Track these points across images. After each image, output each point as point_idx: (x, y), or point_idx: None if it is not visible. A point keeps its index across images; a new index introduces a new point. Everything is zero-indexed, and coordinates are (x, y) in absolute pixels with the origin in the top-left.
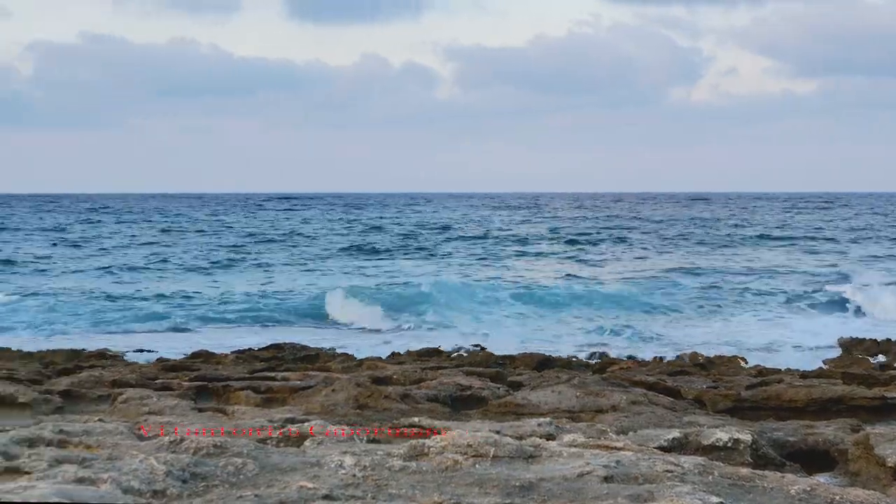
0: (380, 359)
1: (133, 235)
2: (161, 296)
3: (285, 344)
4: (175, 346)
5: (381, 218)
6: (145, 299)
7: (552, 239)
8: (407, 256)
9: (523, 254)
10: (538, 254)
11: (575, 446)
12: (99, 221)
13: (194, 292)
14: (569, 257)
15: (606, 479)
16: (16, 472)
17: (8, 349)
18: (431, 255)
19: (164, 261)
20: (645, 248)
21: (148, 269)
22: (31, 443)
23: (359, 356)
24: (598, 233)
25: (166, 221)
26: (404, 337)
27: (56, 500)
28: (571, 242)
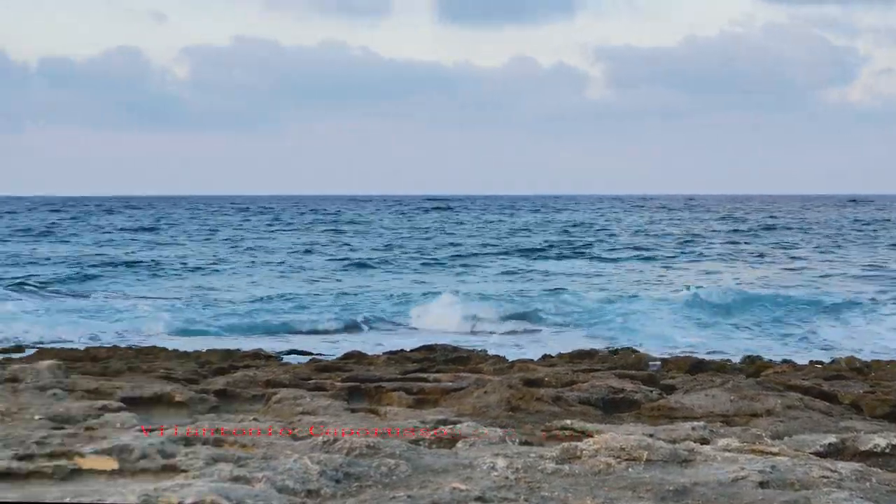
0: (531, 361)
1: (301, 233)
2: (343, 294)
3: (437, 345)
4: (329, 348)
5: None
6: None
7: (724, 242)
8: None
9: (690, 254)
10: (701, 255)
11: (729, 451)
12: (272, 224)
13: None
14: (734, 259)
15: (761, 484)
16: (173, 470)
17: (164, 349)
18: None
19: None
20: (821, 251)
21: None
22: (188, 441)
23: (510, 358)
24: (761, 233)
25: (324, 221)
26: (554, 339)
27: (212, 498)
28: (734, 243)
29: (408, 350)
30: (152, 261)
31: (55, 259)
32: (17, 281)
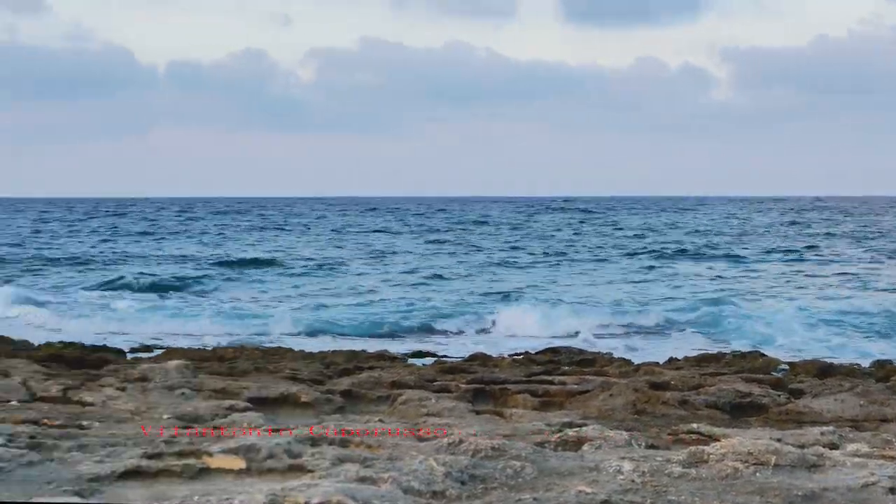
0: (657, 364)
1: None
2: (470, 293)
3: (562, 348)
4: (455, 349)
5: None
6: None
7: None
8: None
9: (823, 256)
10: (837, 257)
11: (859, 456)
12: (397, 223)
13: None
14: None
15: (892, 490)
16: (299, 470)
17: (290, 349)
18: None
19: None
20: None
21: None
22: (314, 442)
23: (635, 361)
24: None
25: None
26: (682, 341)
27: (338, 498)
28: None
29: (533, 352)
30: (275, 260)
31: (184, 258)
32: (148, 281)
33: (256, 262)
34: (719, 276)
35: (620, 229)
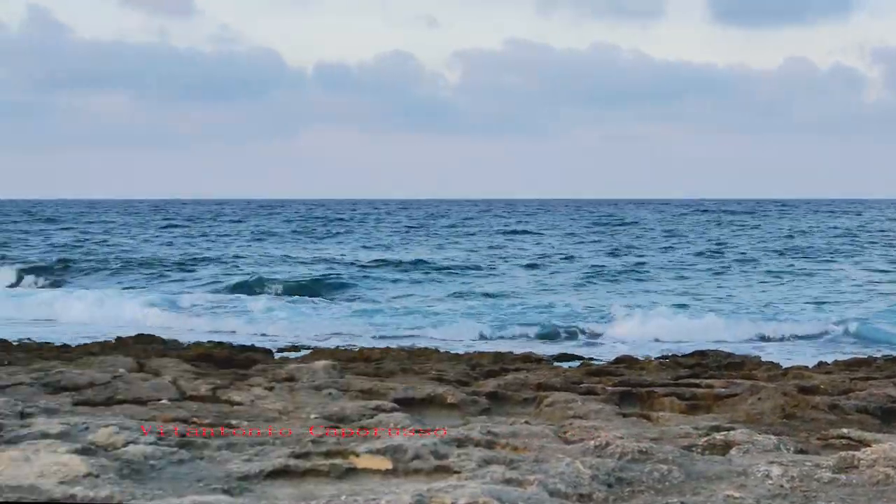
0: (806, 368)
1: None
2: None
3: (709, 351)
4: (601, 352)
5: None
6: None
7: None
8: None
9: None
10: None
11: None
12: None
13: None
14: None
15: None
16: (446, 471)
17: (436, 350)
18: None
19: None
20: None
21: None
22: (460, 443)
23: (784, 364)
24: None
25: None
26: (832, 345)
27: (484, 499)
28: None
29: (680, 355)
30: (424, 261)
31: (333, 260)
32: (300, 281)
33: (408, 263)
34: (876, 281)
35: (770, 232)
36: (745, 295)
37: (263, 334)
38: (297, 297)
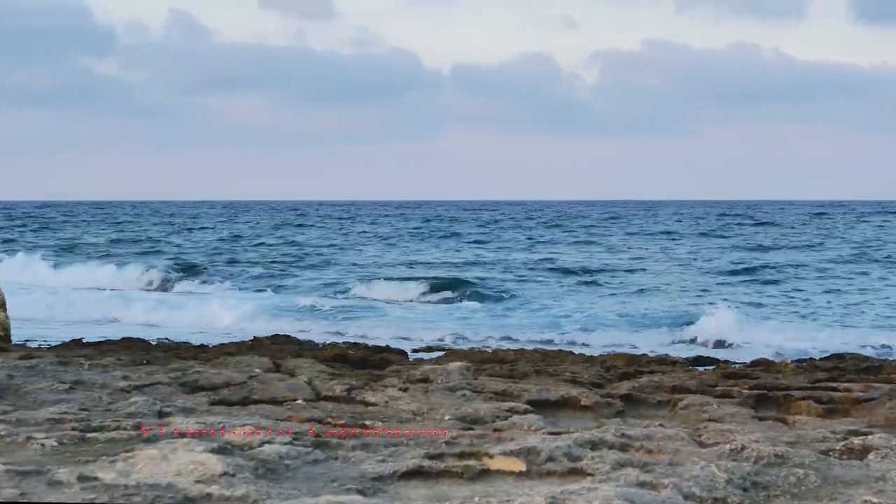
0: None
1: None
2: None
3: (846, 354)
4: (736, 355)
5: None
6: None
7: None
8: None
9: None
10: None
11: None
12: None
13: None
14: None
15: None
16: (579, 473)
17: (570, 352)
18: None
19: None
20: None
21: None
22: (594, 445)
23: None
24: None
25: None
26: None
27: (618, 502)
28: None
29: (817, 358)
30: (565, 262)
31: (485, 259)
32: (440, 282)
33: (563, 270)
34: None
35: None
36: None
37: (404, 338)
38: (443, 295)
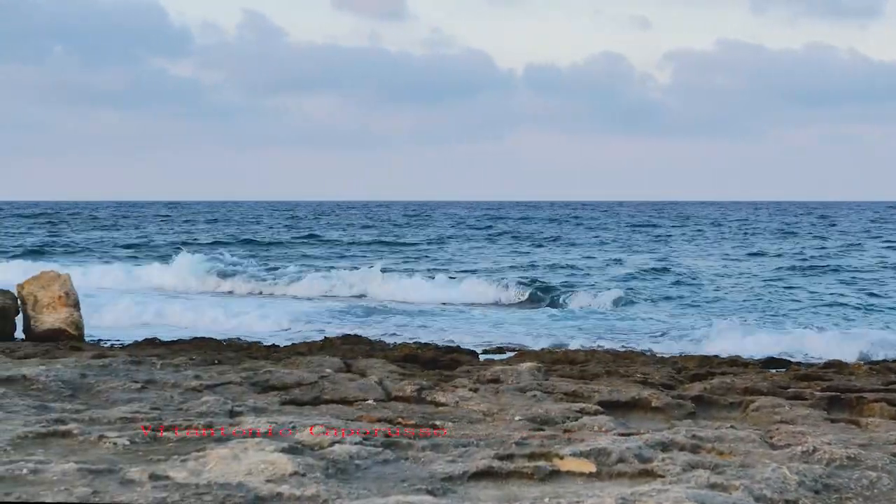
0: None
1: None
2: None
3: None
4: (808, 356)
5: None
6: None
7: None
8: None
9: None
10: None
11: None
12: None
13: None
14: None
15: None
16: (649, 474)
17: (642, 353)
18: None
19: None
20: None
21: None
22: (665, 447)
23: None
24: None
25: None
26: None
27: None
28: None
29: (890, 360)
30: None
31: (577, 262)
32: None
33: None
34: None
35: None
36: None
37: (470, 336)
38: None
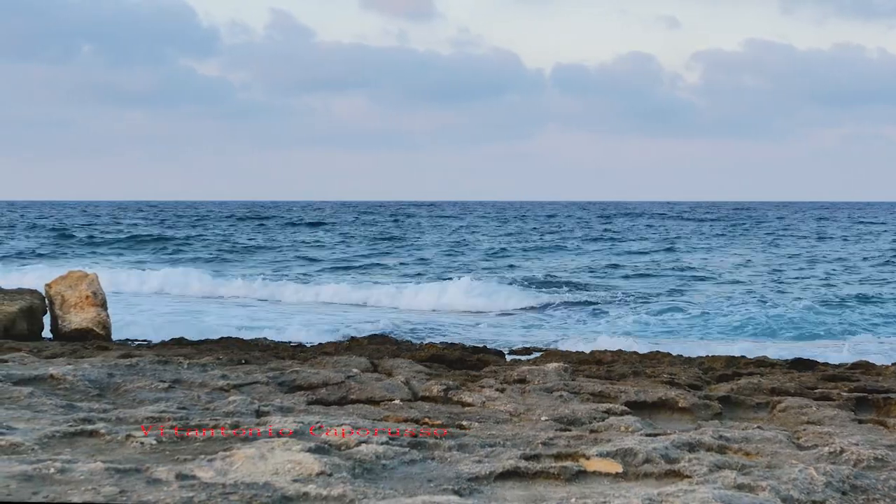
0: None
1: None
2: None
3: None
4: (838, 356)
5: None
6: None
7: None
8: None
9: None
10: None
11: None
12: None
13: None
14: None
15: None
16: (676, 475)
17: (668, 353)
18: None
19: None
20: None
21: None
22: (692, 447)
23: None
24: None
25: None
26: None
27: None
28: None
29: None
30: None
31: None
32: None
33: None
34: None
35: None
36: None
37: (493, 338)
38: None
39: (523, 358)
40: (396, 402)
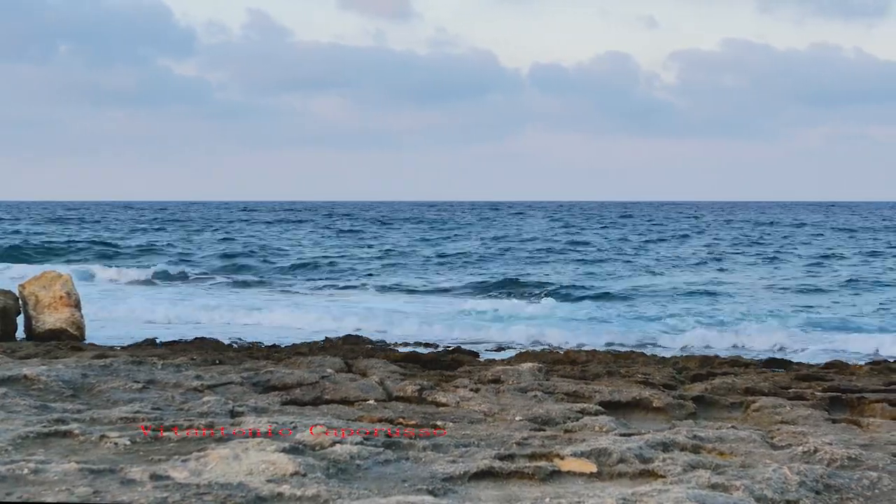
0: None
1: None
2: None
3: None
4: (810, 356)
5: None
6: None
7: None
8: None
9: None
10: None
11: None
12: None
13: None
14: None
15: None
16: (650, 475)
17: (642, 353)
18: None
19: None
20: None
21: None
22: (666, 447)
23: None
24: None
25: None
26: None
27: None
28: None
29: (890, 361)
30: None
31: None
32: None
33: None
34: None
35: None
36: None
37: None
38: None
39: (498, 357)
40: (371, 402)
